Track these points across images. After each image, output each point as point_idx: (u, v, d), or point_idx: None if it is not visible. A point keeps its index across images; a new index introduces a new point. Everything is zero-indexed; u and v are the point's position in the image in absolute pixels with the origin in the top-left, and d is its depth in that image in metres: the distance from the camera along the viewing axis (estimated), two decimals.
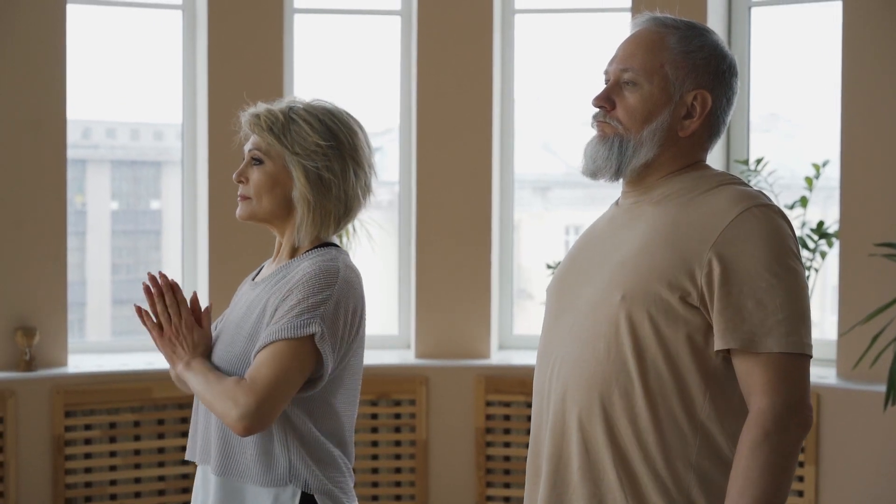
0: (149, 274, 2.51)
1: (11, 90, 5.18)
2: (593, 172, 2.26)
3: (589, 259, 2.27)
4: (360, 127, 2.53)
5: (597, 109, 2.25)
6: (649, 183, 2.24)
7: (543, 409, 2.27)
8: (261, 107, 2.50)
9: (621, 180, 2.27)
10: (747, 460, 2.04)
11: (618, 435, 2.14)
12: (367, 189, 2.53)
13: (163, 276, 2.50)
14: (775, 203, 2.16)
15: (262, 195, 2.47)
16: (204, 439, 2.50)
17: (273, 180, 2.46)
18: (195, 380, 2.42)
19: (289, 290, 2.40)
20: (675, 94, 2.20)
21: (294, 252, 2.52)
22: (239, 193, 2.51)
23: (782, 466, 2.04)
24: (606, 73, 2.27)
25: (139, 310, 2.52)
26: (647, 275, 2.13)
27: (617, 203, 2.33)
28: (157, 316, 2.49)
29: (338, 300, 2.40)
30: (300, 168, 2.44)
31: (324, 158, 2.44)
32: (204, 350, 2.48)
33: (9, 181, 5.18)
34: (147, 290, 2.49)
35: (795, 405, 2.05)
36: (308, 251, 2.50)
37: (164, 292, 2.48)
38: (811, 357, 2.10)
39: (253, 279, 2.61)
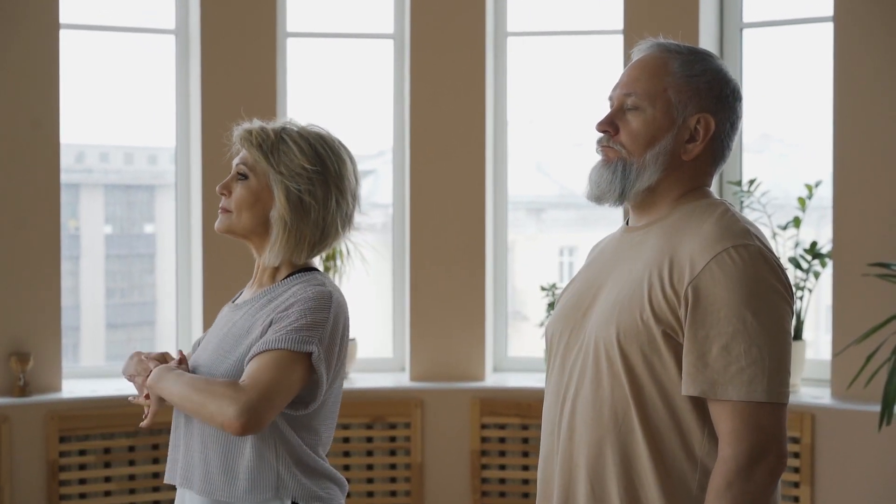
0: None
1: (5, 115, 5.18)
2: (598, 197, 2.26)
3: (592, 293, 2.27)
4: (351, 157, 2.53)
5: (601, 134, 2.26)
6: (655, 210, 2.25)
7: (553, 447, 2.26)
8: (255, 123, 2.51)
9: (626, 204, 2.28)
10: None
11: (624, 474, 2.14)
12: (347, 220, 2.52)
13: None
14: (760, 241, 2.14)
15: (242, 210, 2.48)
16: (185, 462, 2.48)
17: (254, 196, 2.47)
18: (171, 384, 2.38)
19: (286, 308, 2.40)
20: (678, 118, 2.21)
21: (275, 276, 2.52)
22: (220, 206, 2.52)
23: None
24: (610, 98, 2.28)
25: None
26: (638, 312, 2.13)
27: (625, 227, 2.33)
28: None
29: (333, 324, 2.40)
30: (282, 188, 2.44)
31: (307, 182, 2.44)
32: None
33: (2, 205, 5.18)
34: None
35: (760, 453, 2.04)
36: (291, 275, 2.49)
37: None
38: (783, 404, 2.07)
39: (234, 302, 2.60)
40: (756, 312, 2.06)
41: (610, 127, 2.24)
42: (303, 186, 2.44)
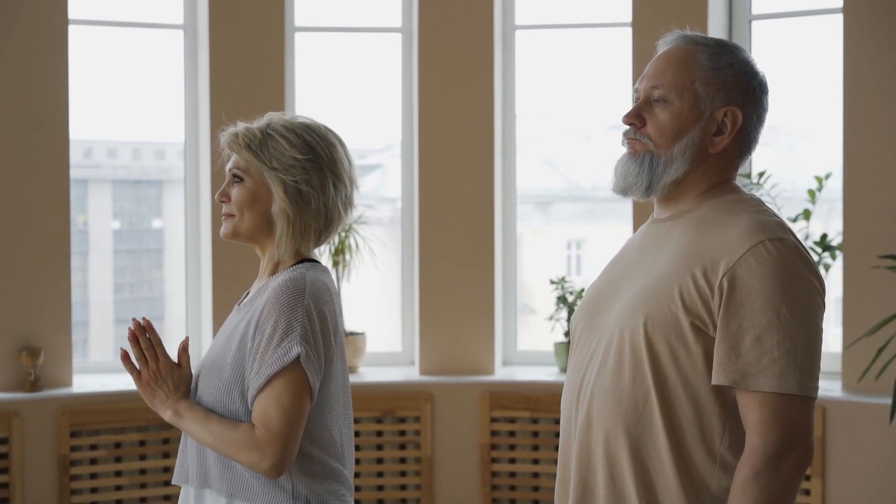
0: (133, 319, 2.52)
1: (14, 110, 5.19)
2: (624, 190, 2.26)
3: (617, 284, 2.27)
4: (340, 140, 2.54)
5: (627, 127, 2.25)
6: (681, 202, 2.24)
7: (571, 435, 2.26)
8: (239, 126, 2.52)
9: (653, 197, 2.27)
10: (737, 499, 2.05)
11: (642, 464, 2.14)
12: (348, 202, 2.53)
13: (141, 320, 2.52)
14: (794, 236, 2.15)
15: (243, 211, 2.48)
16: (200, 463, 2.47)
17: (253, 196, 2.47)
18: (195, 428, 2.41)
19: (260, 314, 2.40)
20: (706, 111, 2.20)
21: (275, 269, 2.52)
22: (223, 212, 2.53)
23: None
24: (636, 90, 2.27)
25: (123, 354, 2.52)
26: (666, 302, 2.12)
27: (652, 220, 2.32)
28: (136, 360, 2.50)
29: (308, 314, 2.39)
30: (279, 182, 2.45)
31: (302, 172, 2.45)
32: (185, 390, 2.48)
33: (11, 201, 5.18)
34: (130, 334, 2.50)
35: (789, 445, 2.05)
36: (287, 268, 2.49)
37: (138, 335, 2.49)
38: (812, 398, 2.08)
39: (239, 304, 2.61)
40: (790, 305, 2.06)
41: (636, 119, 2.23)
42: (298, 177, 2.44)
